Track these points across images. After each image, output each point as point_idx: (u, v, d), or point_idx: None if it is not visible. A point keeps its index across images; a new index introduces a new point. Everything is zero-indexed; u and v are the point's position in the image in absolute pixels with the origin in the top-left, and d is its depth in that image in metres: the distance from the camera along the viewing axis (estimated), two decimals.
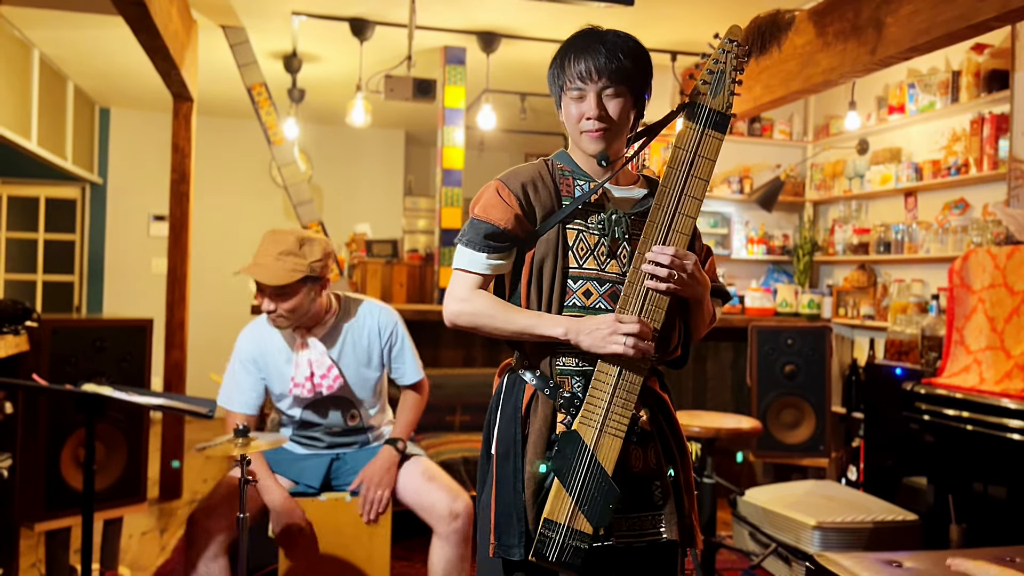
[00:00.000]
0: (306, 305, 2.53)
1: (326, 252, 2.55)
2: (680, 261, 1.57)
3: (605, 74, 1.60)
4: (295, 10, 4.56)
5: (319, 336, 2.63)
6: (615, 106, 1.62)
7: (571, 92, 1.64)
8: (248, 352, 2.66)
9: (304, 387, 2.58)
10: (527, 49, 5.11)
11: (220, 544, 2.45)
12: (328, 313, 2.65)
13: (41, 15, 4.67)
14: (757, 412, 4.47)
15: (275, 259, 2.47)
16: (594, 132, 1.63)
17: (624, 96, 1.62)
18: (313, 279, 2.52)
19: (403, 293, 5.46)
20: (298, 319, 2.55)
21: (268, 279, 2.45)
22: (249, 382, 2.64)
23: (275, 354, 2.64)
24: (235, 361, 2.68)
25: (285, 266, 2.46)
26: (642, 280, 1.58)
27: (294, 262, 2.47)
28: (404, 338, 2.75)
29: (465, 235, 1.67)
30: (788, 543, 3.34)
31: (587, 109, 1.62)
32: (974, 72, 4.30)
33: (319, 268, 2.52)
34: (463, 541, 2.55)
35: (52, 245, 7.22)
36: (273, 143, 5.00)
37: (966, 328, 3.46)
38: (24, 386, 2.63)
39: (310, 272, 2.49)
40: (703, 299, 1.68)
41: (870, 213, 5.28)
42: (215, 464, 5.41)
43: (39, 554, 3.22)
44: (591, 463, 1.57)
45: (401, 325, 2.75)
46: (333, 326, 2.66)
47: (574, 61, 1.62)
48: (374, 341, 2.69)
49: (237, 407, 2.64)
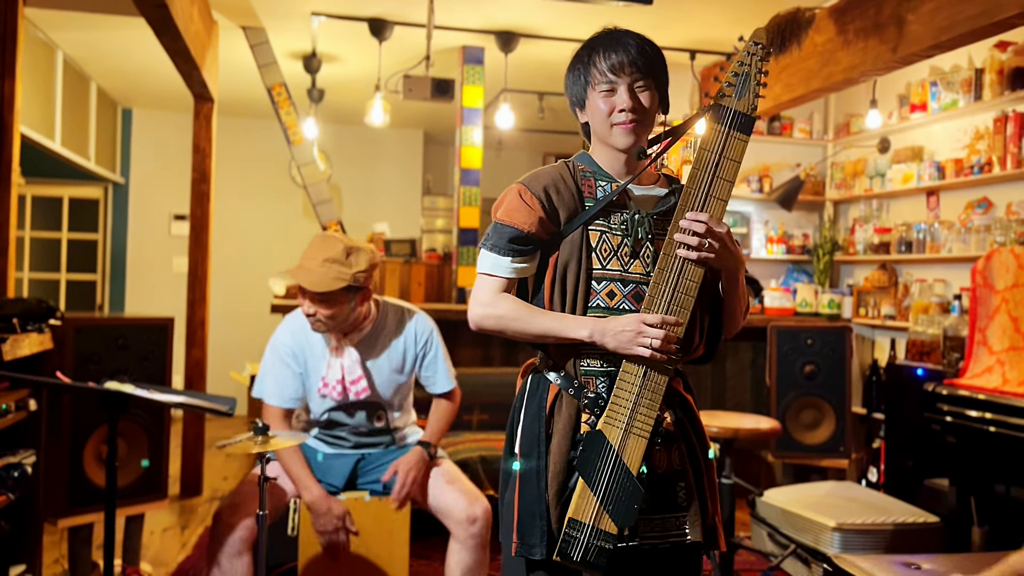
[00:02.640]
0: (346, 313, 2.53)
1: (372, 264, 2.54)
2: (713, 229, 1.57)
3: (636, 67, 1.62)
4: (314, 10, 4.58)
5: (355, 342, 2.63)
6: (646, 98, 1.64)
7: (600, 87, 1.64)
8: (288, 345, 2.66)
9: (334, 389, 2.60)
10: (545, 48, 5.11)
11: (244, 541, 2.46)
12: (367, 320, 2.65)
13: (65, 17, 4.72)
14: (776, 412, 4.45)
15: (320, 264, 2.48)
16: (627, 124, 1.64)
17: (652, 90, 1.65)
18: (356, 289, 2.52)
19: (421, 292, 5.48)
20: (336, 325, 2.55)
21: (311, 284, 2.46)
22: (288, 375, 2.65)
23: (313, 349, 2.66)
24: (274, 353, 2.67)
25: (329, 273, 2.46)
26: (668, 279, 1.58)
27: (339, 270, 2.47)
28: (438, 347, 2.75)
29: (489, 239, 1.67)
30: (807, 544, 3.31)
31: (620, 102, 1.63)
32: (997, 70, 4.25)
33: (363, 279, 2.51)
34: (480, 546, 2.54)
35: (75, 244, 7.30)
36: (293, 143, 5.03)
37: (989, 328, 3.43)
38: (48, 384, 2.66)
39: (353, 282, 2.49)
40: (737, 273, 1.67)
41: (891, 212, 5.24)
42: (236, 461, 5.45)
43: (62, 550, 3.26)
44: (616, 463, 1.57)
45: (436, 334, 2.76)
46: (370, 333, 2.66)
47: (603, 56, 1.64)
48: (409, 348, 2.71)
49: (276, 400, 2.64)
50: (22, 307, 2.68)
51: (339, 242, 2.52)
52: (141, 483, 3.15)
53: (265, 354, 2.70)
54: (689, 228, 1.57)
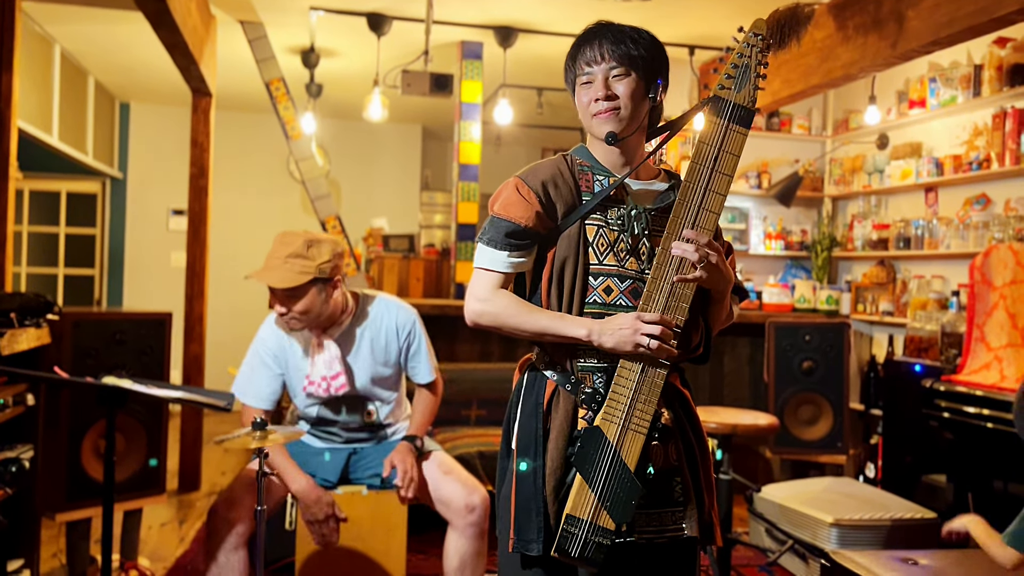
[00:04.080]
0: (318, 306, 2.53)
1: (335, 253, 2.55)
2: (708, 252, 1.56)
3: (611, 56, 1.62)
4: (313, 5, 4.57)
5: (335, 336, 2.63)
6: (623, 87, 1.62)
7: (581, 79, 1.65)
8: (270, 346, 2.66)
9: (319, 386, 2.59)
10: (544, 43, 5.10)
11: (240, 536, 2.46)
12: (344, 313, 2.65)
13: (62, 11, 4.71)
14: (774, 408, 4.45)
15: (283, 262, 2.48)
16: (603, 113, 1.63)
17: (632, 78, 1.63)
18: (323, 280, 2.51)
19: (420, 288, 5.48)
20: (312, 320, 2.55)
21: (275, 282, 2.46)
22: (267, 377, 2.65)
23: (295, 349, 2.65)
24: (255, 354, 2.67)
25: (293, 268, 2.47)
26: (666, 275, 1.58)
27: (302, 264, 2.47)
28: (421, 337, 2.75)
29: (486, 234, 1.66)
30: (805, 540, 3.32)
31: (595, 92, 1.63)
32: (996, 66, 4.24)
33: (328, 269, 2.51)
34: (479, 535, 2.55)
35: (73, 239, 7.28)
36: (291, 138, 5.02)
37: (987, 325, 3.43)
38: (46, 379, 2.66)
39: (318, 274, 2.49)
40: (725, 294, 1.67)
41: (890, 208, 5.24)
42: (233, 456, 5.45)
43: (60, 544, 3.26)
44: (614, 459, 1.57)
45: (419, 324, 2.75)
46: (350, 326, 2.66)
47: (583, 50, 1.65)
48: (391, 340, 2.69)
49: (253, 401, 2.64)
50: (20, 302, 2.68)
51: (298, 237, 2.53)
52: (139, 478, 3.15)
53: (248, 353, 2.70)
54: (684, 251, 1.56)
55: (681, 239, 1.57)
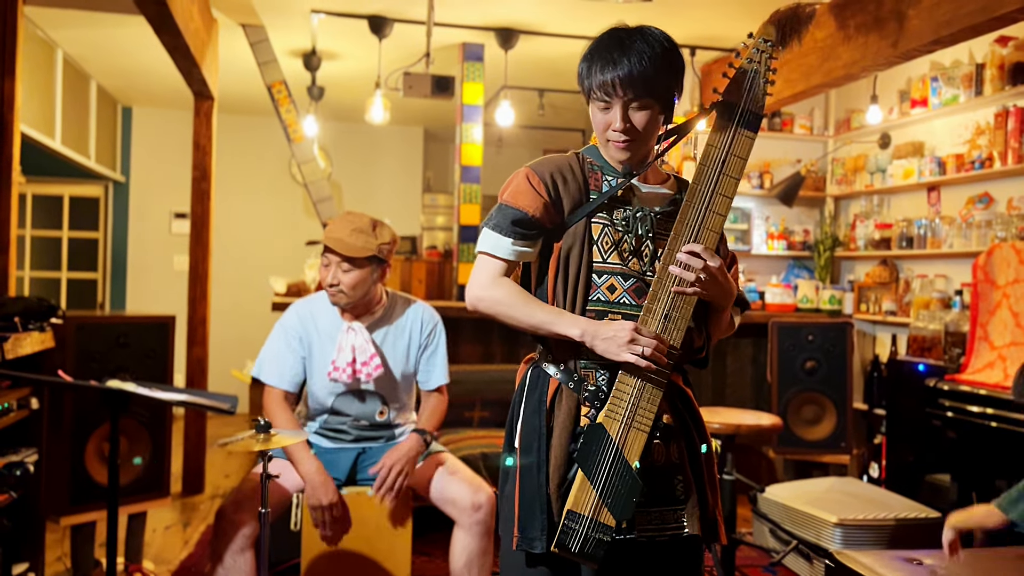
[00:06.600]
0: (367, 285, 2.62)
1: (393, 239, 2.69)
2: (710, 266, 1.56)
3: (630, 88, 1.58)
4: (314, 8, 4.58)
5: (366, 324, 2.69)
6: (641, 118, 1.61)
7: (597, 102, 1.63)
8: (295, 328, 2.69)
9: (344, 372, 2.61)
10: (545, 45, 5.10)
11: (247, 538, 2.46)
12: (378, 304, 2.73)
13: (64, 15, 4.72)
14: (777, 408, 4.45)
15: (349, 233, 2.60)
16: (620, 143, 1.63)
17: (650, 107, 1.61)
18: (379, 260, 2.63)
19: (422, 289, 5.48)
20: (356, 299, 2.62)
21: (343, 248, 2.57)
22: (291, 358, 2.67)
23: (321, 334, 2.68)
24: (279, 336, 2.70)
25: (358, 241, 2.59)
26: (667, 288, 1.58)
27: (366, 240, 2.60)
28: (441, 342, 2.80)
29: (492, 219, 1.67)
30: (809, 540, 3.32)
31: (613, 121, 1.61)
32: (998, 65, 4.24)
33: (386, 251, 2.64)
34: (485, 533, 2.56)
35: (76, 243, 7.29)
36: (293, 140, 5.03)
37: (990, 324, 3.43)
38: (49, 382, 2.66)
39: (378, 253, 2.61)
40: (726, 306, 1.68)
41: (892, 208, 5.23)
42: (237, 459, 5.45)
43: (64, 547, 3.26)
44: (616, 457, 1.57)
45: (441, 327, 2.81)
46: (380, 318, 2.72)
47: (598, 71, 1.59)
48: (414, 338, 2.75)
49: (275, 380, 2.66)
50: (23, 306, 2.68)
51: (365, 216, 2.67)
52: (143, 481, 3.16)
53: (270, 336, 2.72)
54: (685, 263, 1.56)
55: (682, 253, 1.57)
